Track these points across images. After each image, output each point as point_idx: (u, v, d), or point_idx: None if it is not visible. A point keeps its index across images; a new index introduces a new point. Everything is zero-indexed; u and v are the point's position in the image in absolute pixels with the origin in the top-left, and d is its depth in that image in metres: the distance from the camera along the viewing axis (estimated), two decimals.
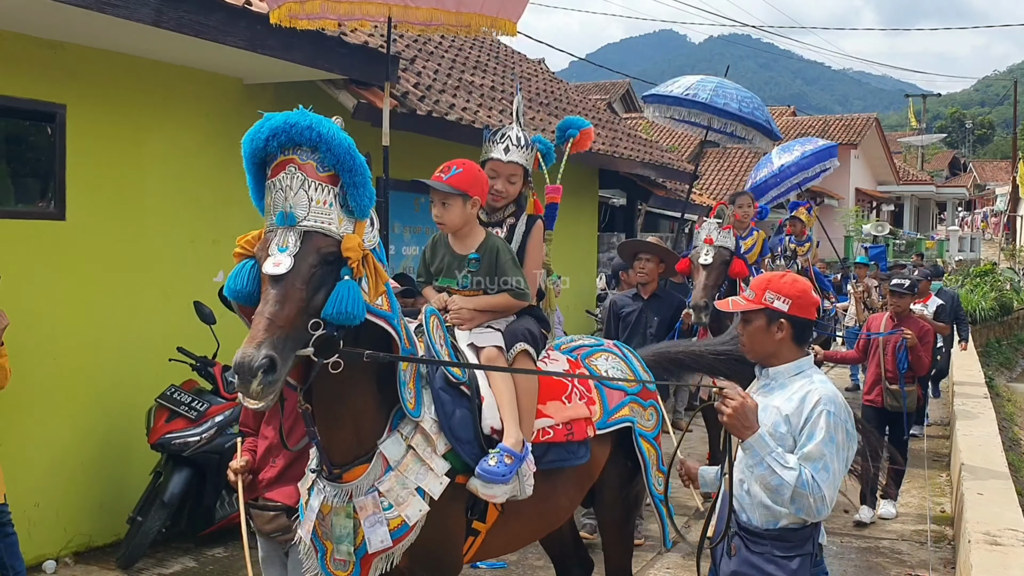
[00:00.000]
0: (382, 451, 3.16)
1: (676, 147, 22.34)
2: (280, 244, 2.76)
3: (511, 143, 3.93)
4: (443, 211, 3.64)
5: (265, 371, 2.61)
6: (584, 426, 3.86)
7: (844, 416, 3.10)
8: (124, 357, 6.40)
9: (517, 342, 3.66)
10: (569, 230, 11.89)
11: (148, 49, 6.28)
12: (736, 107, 8.34)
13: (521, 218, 3.97)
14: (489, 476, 3.31)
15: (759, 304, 3.22)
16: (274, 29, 6.03)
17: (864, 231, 30.92)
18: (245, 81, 7.22)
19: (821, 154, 10.79)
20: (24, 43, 5.80)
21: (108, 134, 6.33)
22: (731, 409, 3.00)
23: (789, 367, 3.22)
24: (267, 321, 2.68)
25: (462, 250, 3.71)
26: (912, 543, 6.89)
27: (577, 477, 3.90)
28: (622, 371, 4.24)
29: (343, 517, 3.17)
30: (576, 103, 13.27)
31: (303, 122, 2.74)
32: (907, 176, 43.24)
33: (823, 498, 2.99)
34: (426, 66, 9.36)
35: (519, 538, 3.87)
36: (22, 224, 5.93)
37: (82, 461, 6.21)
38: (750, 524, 3.16)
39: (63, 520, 6.10)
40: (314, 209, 2.78)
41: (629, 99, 32.94)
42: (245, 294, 2.86)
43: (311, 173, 2.78)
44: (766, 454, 2.99)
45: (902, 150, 51.09)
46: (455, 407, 3.36)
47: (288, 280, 2.73)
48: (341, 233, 2.83)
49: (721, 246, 6.80)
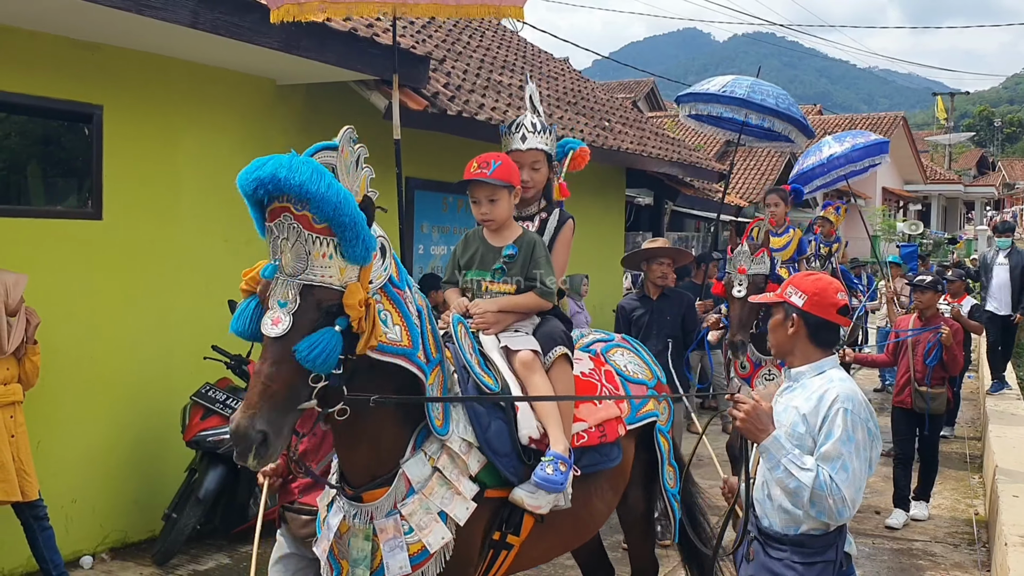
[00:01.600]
0: (404, 471, 3.05)
1: (702, 146, 22.24)
2: (280, 298, 2.65)
3: (527, 130, 3.85)
4: (492, 207, 3.55)
5: (259, 446, 2.58)
6: (616, 425, 3.82)
7: (864, 414, 3.03)
8: (159, 355, 6.46)
9: (556, 345, 3.55)
10: (595, 229, 11.87)
11: (183, 50, 6.34)
12: (773, 103, 8.31)
13: (553, 213, 3.89)
14: (549, 485, 3.20)
15: (778, 298, 3.23)
16: (308, 30, 6.08)
17: (898, 229, 30.63)
18: (278, 82, 7.26)
19: (872, 148, 10.64)
20: (62, 45, 5.87)
21: (144, 134, 6.39)
22: (743, 413, 2.96)
23: (810, 367, 3.18)
24: (263, 386, 2.61)
25: (498, 242, 3.63)
26: (946, 545, 6.83)
27: (612, 479, 3.86)
28: (637, 364, 4.26)
29: (361, 539, 3.05)
30: (602, 102, 13.25)
31: (292, 179, 2.54)
32: (934, 175, 42.83)
33: (843, 499, 2.92)
34: (455, 66, 9.38)
35: (554, 549, 3.75)
36: (60, 224, 6.01)
37: (118, 458, 6.28)
38: (771, 529, 3.11)
39: (100, 516, 6.18)
40: (312, 263, 2.64)
41: (654, 98, 32.84)
42: (249, 335, 2.76)
43: (307, 225, 2.61)
44: (782, 456, 2.94)
45: (929, 149, 50.60)
46: (490, 419, 3.26)
47: (287, 339, 2.62)
48: (344, 283, 2.68)
49: (755, 274, 6.58)
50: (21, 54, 5.68)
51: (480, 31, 12.51)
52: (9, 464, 5.04)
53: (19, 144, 6.20)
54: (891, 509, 7.37)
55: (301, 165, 2.56)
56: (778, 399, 3.22)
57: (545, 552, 3.67)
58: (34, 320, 5.28)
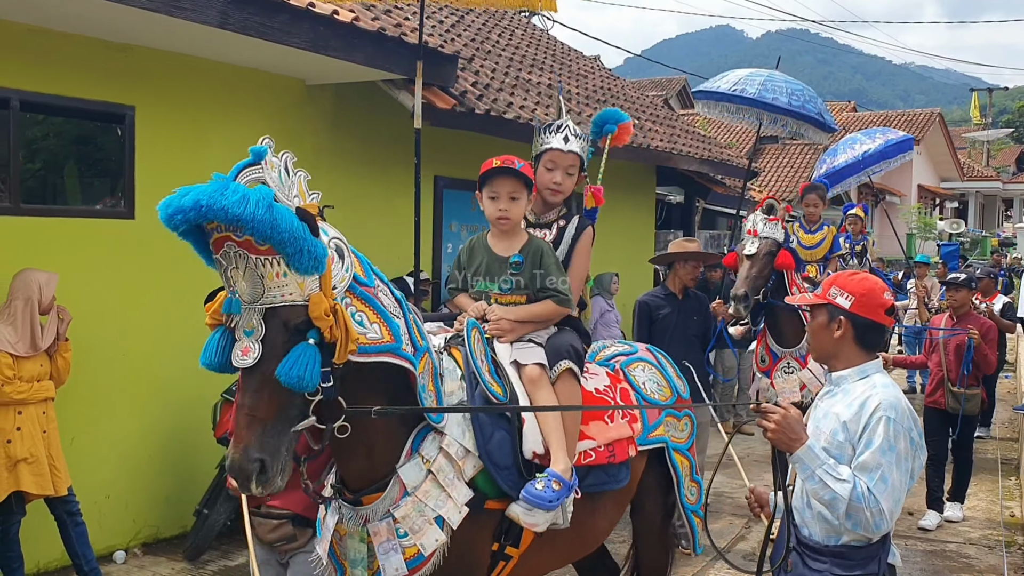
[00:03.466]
0: (400, 475, 2.97)
1: (734, 143, 22.09)
2: (246, 327, 2.57)
3: (570, 132, 3.70)
4: (511, 205, 3.41)
5: (258, 474, 2.51)
6: (626, 446, 3.68)
7: (907, 423, 2.88)
8: (191, 353, 6.47)
9: (560, 359, 3.41)
10: (626, 228, 11.83)
11: (213, 51, 6.41)
12: (786, 101, 8.03)
13: (572, 221, 3.73)
14: (536, 500, 3.10)
15: (823, 299, 3.06)
16: (337, 30, 6.11)
17: (939, 228, 30.17)
18: (307, 82, 7.31)
19: (903, 144, 10.58)
20: (95, 46, 5.95)
21: (174, 134, 6.46)
22: (774, 424, 2.85)
23: (853, 371, 3.02)
24: (247, 418, 2.54)
25: (504, 251, 3.48)
26: (980, 547, 6.73)
27: (617, 498, 3.75)
28: (658, 381, 4.10)
29: (357, 541, 3.01)
30: (633, 99, 13.19)
31: (215, 205, 2.39)
32: (972, 172, 42.17)
33: (881, 511, 2.77)
34: (484, 65, 9.39)
35: (552, 563, 3.63)
36: (93, 223, 6.10)
37: (150, 455, 6.36)
38: (810, 539, 2.97)
39: (132, 512, 6.26)
40: (268, 284, 2.52)
41: (685, 95, 32.66)
42: (218, 367, 2.67)
43: (252, 250, 2.48)
44: (816, 466, 2.81)
45: (966, 145, 49.81)
46: (494, 429, 3.15)
47: (262, 366, 2.54)
48: (306, 296, 2.56)
49: (767, 237, 6.44)
50: (55, 56, 5.77)
51: (509, 29, 12.50)
52: (43, 459, 5.13)
53: (54, 145, 6.29)
54: (924, 510, 7.27)
55: (223, 190, 2.42)
56: (819, 404, 3.11)
57: (543, 564, 3.55)
58: (66, 318, 5.37)
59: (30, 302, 5.17)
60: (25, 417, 5.10)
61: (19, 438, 5.05)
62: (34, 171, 6.11)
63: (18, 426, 5.07)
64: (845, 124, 33.81)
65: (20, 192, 5.75)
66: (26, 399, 5.08)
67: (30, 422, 5.11)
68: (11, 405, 5.05)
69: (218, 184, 2.45)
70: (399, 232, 7.58)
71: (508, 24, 12.82)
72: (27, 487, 5.09)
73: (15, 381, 5.05)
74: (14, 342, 5.08)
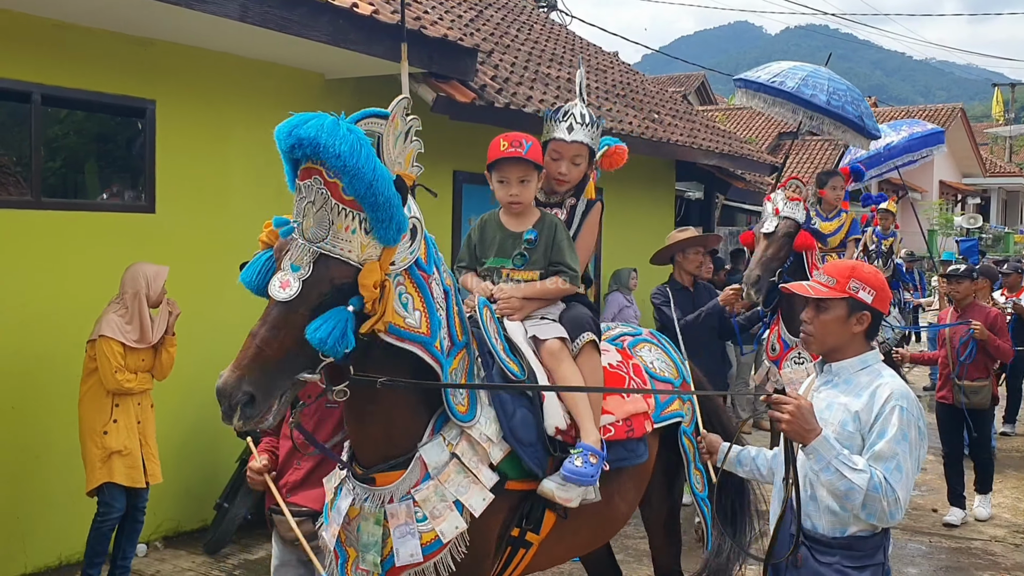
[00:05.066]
0: (421, 455, 2.88)
1: (754, 139, 21.96)
2: (294, 260, 2.52)
3: (575, 121, 3.60)
4: (522, 189, 3.38)
5: (244, 406, 2.43)
6: (643, 421, 3.63)
7: (916, 412, 2.90)
8: (211, 347, 6.53)
9: (584, 331, 3.38)
10: (645, 223, 11.77)
11: (233, 45, 6.41)
12: (824, 99, 7.64)
13: (582, 198, 3.69)
14: (578, 478, 3.06)
15: (842, 292, 2.98)
16: (356, 24, 6.10)
17: (956, 223, 29.89)
18: (327, 76, 7.31)
19: (929, 138, 10.27)
20: (116, 41, 5.96)
21: (195, 128, 6.47)
22: (788, 414, 2.77)
23: (854, 362, 3.02)
24: (256, 349, 2.46)
25: (518, 227, 3.44)
26: (1006, 545, 6.65)
27: (636, 477, 3.68)
28: (665, 363, 4.07)
29: (372, 523, 2.89)
30: (652, 94, 13.12)
31: (332, 147, 2.42)
32: (994, 168, 41.77)
33: (896, 500, 2.77)
34: (503, 59, 9.35)
35: (573, 550, 3.58)
36: (114, 217, 6.11)
37: (172, 448, 6.36)
38: (816, 532, 2.95)
39: (153, 505, 6.23)
40: (334, 233, 2.50)
41: (704, 92, 32.57)
42: (255, 288, 2.63)
43: (335, 194, 2.48)
44: (832, 457, 2.76)
45: (988, 141, 49.34)
46: (515, 407, 3.10)
47: (292, 306, 2.48)
48: (363, 260, 2.53)
49: (787, 217, 6.17)
50: (77, 50, 5.79)
51: (528, 24, 12.47)
52: (136, 452, 5.22)
53: (76, 139, 6.31)
54: (948, 507, 7.20)
55: (345, 134, 2.44)
56: (816, 395, 3.06)
57: (564, 552, 3.49)
58: (175, 311, 5.46)
59: (138, 295, 5.27)
60: (122, 409, 5.19)
61: (115, 430, 5.14)
62: (55, 166, 6.13)
63: (115, 418, 5.16)
64: None
65: (41, 186, 5.77)
66: (131, 389, 5.15)
67: (126, 414, 5.20)
68: (115, 395, 5.13)
69: (340, 123, 2.47)
70: None
71: (527, 19, 12.78)
72: (119, 479, 5.17)
73: (124, 371, 5.14)
74: (127, 332, 5.17)
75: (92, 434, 5.15)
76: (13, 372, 5.58)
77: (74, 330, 5.54)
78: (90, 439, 5.16)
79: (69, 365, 5.48)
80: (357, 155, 2.43)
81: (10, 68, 5.51)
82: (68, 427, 5.48)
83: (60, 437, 5.67)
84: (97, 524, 5.27)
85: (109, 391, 5.13)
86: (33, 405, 5.68)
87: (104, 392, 5.15)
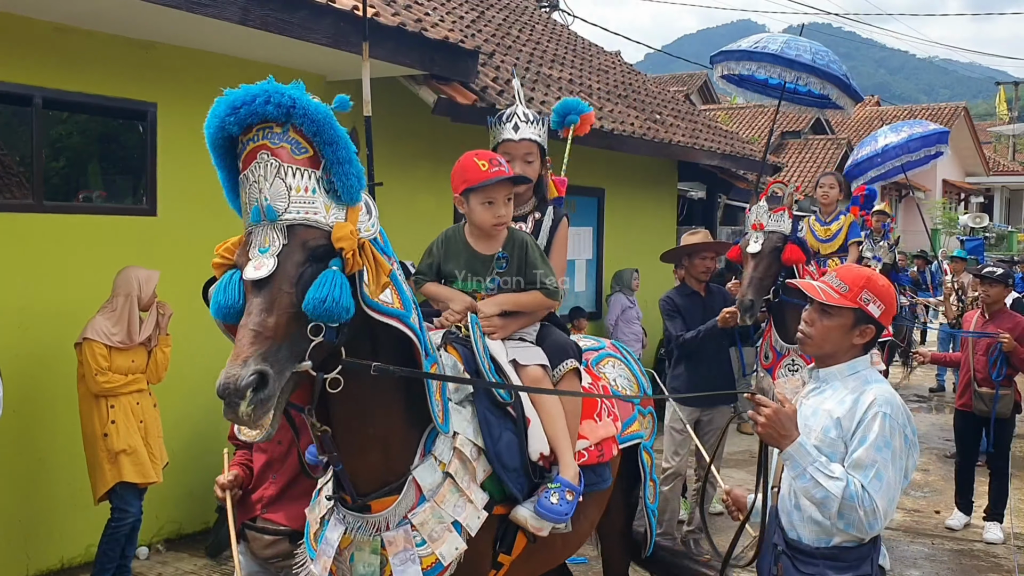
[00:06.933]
0: (415, 478, 2.77)
1: (756, 138, 21.93)
2: (261, 245, 2.35)
3: (519, 120, 3.59)
4: (508, 207, 3.28)
5: (255, 388, 2.20)
6: (611, 445, 3.58)
7: (902, 420, 2.81)
8: (214, 350, 6.51)
9: (566, 358, 3.31)
10: (647, 224, 11.77)
11: (234, 47, 6.41)
12: (809, 59, 7.50)
13: (547, 213, 3.62)
14: (554, 517, 2.99)
15: (852, 303, 2.91)
16: (357, 26, 6.08)
17: (961, 222, 29.83)
18: (327, 78, 7.31)
19: (930, 138, 10.10)
20: (117, 44, 5.97)
21: (196, 131, 6.34)
22: (764, 418, 2.73)
23: (843, 367, 2.96)
24: (252, 333, 2.26)
25: (487, 250, 3.31)
26: (1010, 547, 6.63)
27: (599, 499, 3.63)
28: (627, 377, 4.02)
29: (368, 553, 2.76)
30: (654, 95, 13.11)
31: (269, 89, 2.31)
32: (997, 167, 41.70)
33: (875, 511, 2.69)
34: (504, 60, 9.35)
35: (538, 569, 3.49)
36: (115, 220, 6.11)
37: (173, 451, 6.35)
38: (799, 542, 2.88)
39: (155, 507, 6.27)
40: (295, 198, 2.35)
41: (707, 91, 32.52)
42: (236, 310, 2.39)
43: (286, 158, 2.35)
44: (808, 464, 2.72)
45: (992, 140, 49.26)
46: (501, 430, 2.99)
47: (273, 284, 2.31)
48: (330, 222, 2.40)
49: (772, 231, 5.98)
50: (78, 53, 5.79)
51: (530, 25, 12.47)
52: (141, 449, 5.27)
53: (78, 142, 6.31)
54: (951, 509, 7.16)
55: (274, 83, 2.36)
56: (804, 401, 3.00)
57: (530, 572, 3.41)
58: (167, 312, 5.53)
59: (130, 298, 5.34)
60: (118, 411, 5.23)
61: (115, 431, 5.19)
62: (57, 169, 6.13)
63: (112, 419, 5.20)
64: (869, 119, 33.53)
65: (43, 189, 5.77)
66: (115, 390, 5.19)
67: (124, 415, 5.24)
68: (102, 396, 5.17)
69: (267, 81, 2.39)
70: (421, 227, 7.55)
71: (528, 20, 12.78)
72: (130, 477, 5.23)
73: (107, 372, 5.17)
74: (110, 334, 5.22)
75: (94, 439, 5.20)
76: (15, 375, 5.58)
77: (76, 333, 5.53)
78: (93, 444, 5.20)
79: (71, 368, 5.48)
80: (299, 92, 2.39)
81: (11, 71, 5.52)
82: (70, 430, 5.50)
83: (62, 440, 5.68)
84: (111, 530, 5.28)
85: (93, 393, 5.17)
86: (35, 408, 5.69)
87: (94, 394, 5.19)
